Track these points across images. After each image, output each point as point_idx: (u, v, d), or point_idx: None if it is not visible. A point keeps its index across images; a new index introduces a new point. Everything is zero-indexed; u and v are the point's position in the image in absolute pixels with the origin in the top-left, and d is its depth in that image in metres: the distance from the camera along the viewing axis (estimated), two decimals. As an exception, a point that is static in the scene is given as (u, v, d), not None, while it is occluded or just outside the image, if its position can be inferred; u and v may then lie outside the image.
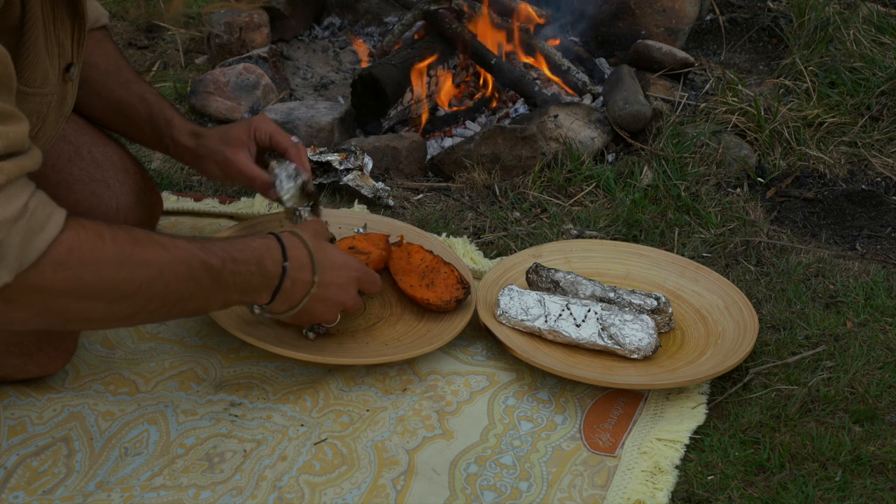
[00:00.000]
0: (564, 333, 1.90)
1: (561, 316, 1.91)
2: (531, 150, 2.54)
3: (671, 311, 1.97)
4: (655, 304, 1.95)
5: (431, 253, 2.04)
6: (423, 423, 1.77)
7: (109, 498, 1.59)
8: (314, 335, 1.89)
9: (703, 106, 2.74)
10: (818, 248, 2.30)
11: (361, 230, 2.15)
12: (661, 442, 1.72)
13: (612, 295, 1.97)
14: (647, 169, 2.51)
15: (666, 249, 2.24)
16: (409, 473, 1.66)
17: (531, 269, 2.03)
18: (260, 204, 2.35)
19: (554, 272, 2.01)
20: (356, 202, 2.39)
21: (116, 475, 1.63)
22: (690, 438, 1.73)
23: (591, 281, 2.00)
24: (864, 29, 2.95)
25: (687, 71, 2.91)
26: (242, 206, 2.36)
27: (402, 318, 2.00)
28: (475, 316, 1.96)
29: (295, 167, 1.94)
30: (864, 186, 2.55)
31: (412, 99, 2.79)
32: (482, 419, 1.79)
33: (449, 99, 2.91)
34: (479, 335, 1.98)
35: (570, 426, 1.77)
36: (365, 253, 2.00)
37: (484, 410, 1.81)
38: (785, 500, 1.61)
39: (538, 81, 2.86)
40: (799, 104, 2.72)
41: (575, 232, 2.32)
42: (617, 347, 1.88)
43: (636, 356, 1.88)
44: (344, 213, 2.27)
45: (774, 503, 1.61)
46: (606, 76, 2.95)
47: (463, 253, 2.21)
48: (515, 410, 1.81)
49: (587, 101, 2.86)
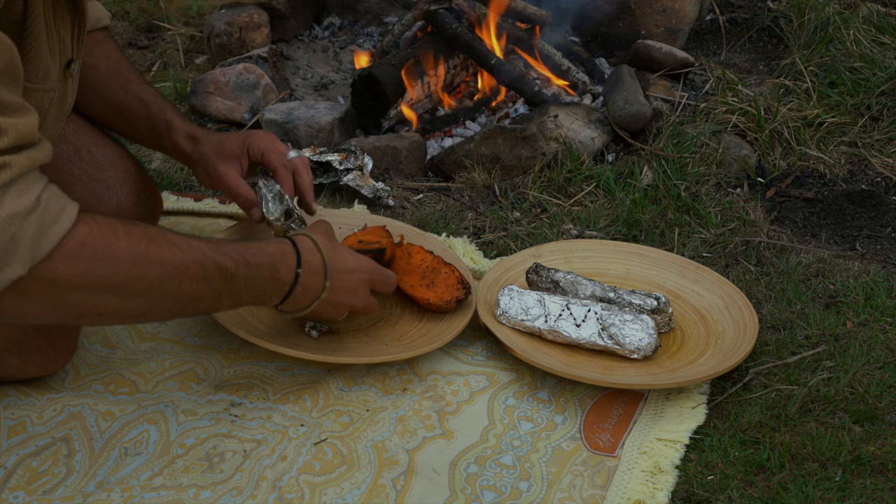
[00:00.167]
0: (564, 333, 1.90)
1: (561, 316, 1.91)
2: (531, 150, 2.54)
3: (671, 311, 1.97)
4: (655, 304, 1.95)
5: (432, 253, 2.04)
6: (423, 423, 1.77)
7: (109, 498, 1.59)
8: (317, 333, 1.89)
9: (703, 106, 2.73)
10: (818, 248, 2.30)
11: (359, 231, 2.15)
12: (661, 442, 1.72)
13: (612, 295, 1.97)
14: (647, 169, 2.51)
15: (666, 249, 2.23)
16: (409, 473, 1.66)
17: (531, 269, 2.03)
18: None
19: (554, 272, 2.01)
20: (356, 202, 2.39)
21: (116, 475, 1.63)
22: (690, 438, 1.73)
23: (591, 281, 2.00)
24: (864, 29, 2.94)
25: (687, 71, 2.90)
26: (242, 206, 2.36)
27: (402, 318, 2.00)
28: (475, 316, 1.96)
29: (280, 189, 1.94)
30: (864, 186, 2.55)
31: (412, 99, 2.78)
32: (482, 419, 1.78)
33: (448, 99, 2.92)
34: (479, 335, 1.98)
35: (570, 426, 1.77)
36: (375, 244, 1.99)
37: (484, 410, 1.81)
38: (785, 500, 1.61)
39: (538, 81, 2.86)
40: (799, 104, 2.72)
41: (575, 232, 2.32)
42: (617, 347, 1.88)
43: (636, 356, 1.88)
44: (344, 213, 2.27)
45: (774, 503, 1.61)
46: (606, 76, 2.95)
47: (463, 253, 2.21)
48: (515, 410, 1.81)
49: (587, 101, 2.86)
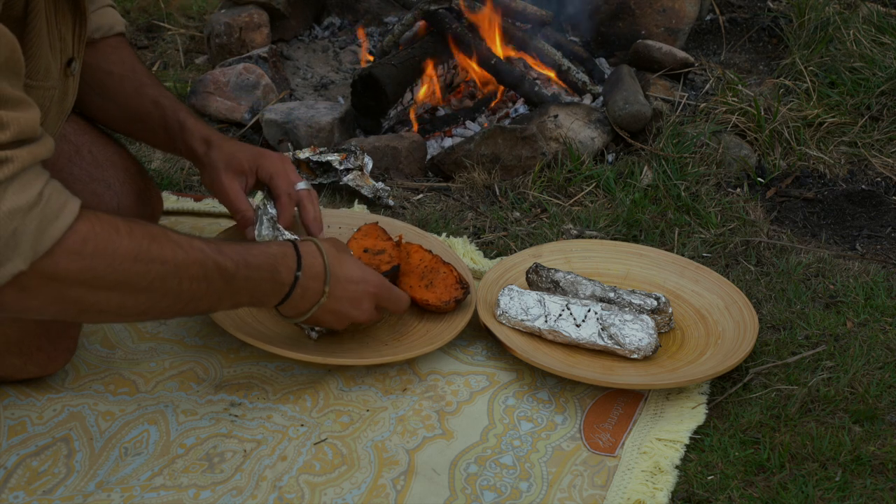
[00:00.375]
0: (564, 333, 1.90)
1: (561, 316, 1.91)
2: (531, 150, 2.54)
3: (671, 311, 1.97)
4: (655, 304, 1.95)
5: (430, 253, 2.04)
6: (423, 423, 1.77)
7: (109, 498, 1.59)
8: (317, 334, 1.89)
9: (703, 106, 2.73)
10: (818, 248, 2.30)
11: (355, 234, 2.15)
12: (661, 442, 1.72)
13: (612, 295, 1.97)
14: (647, 169, 2.51)
15: (666, 249, 2.23)
16: (409, 473, 1.66)
17: (531, 269, 2.03)
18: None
19: (554, 272, 2.01)
20: (356, 202, 2.39)
21: (116, 475, 1.63)
22: (690, 438, 1.73)
23: (591, 281, 2.00)
24: (864, 29, 2.94)
25: (687, 71, 2.90)
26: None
27: (401, 318, 1.99)
28: (475, 316, 1.96)
29: (275, 218, 1.93)
30: (864, 186, 2.55)
31: (412, 99, 2.78)
32: (482, 419, 1.78)
33: (448, 98, 2.92)
34: (479, 335, 1.98)
35: (570, 426, 1.77)
36: (382, 253, 1.99)
37: (484, 410, 1.80)
38: (785, 500, 1.61)
39: (538, 81, 2.86)
40: (799, 104, 2.72)
41: (575, 232, 2.32)
42: (617, 347, 1.88)
43: (636, 356, 1.88)
44: (344, 213, 2.27)
45: (774, 503, 1.61)
46: (606, 76, 2.95)
47: (463, 253, 2.21)
48: (515, 410, 1.81)
49: (587, 101, 2.86)
